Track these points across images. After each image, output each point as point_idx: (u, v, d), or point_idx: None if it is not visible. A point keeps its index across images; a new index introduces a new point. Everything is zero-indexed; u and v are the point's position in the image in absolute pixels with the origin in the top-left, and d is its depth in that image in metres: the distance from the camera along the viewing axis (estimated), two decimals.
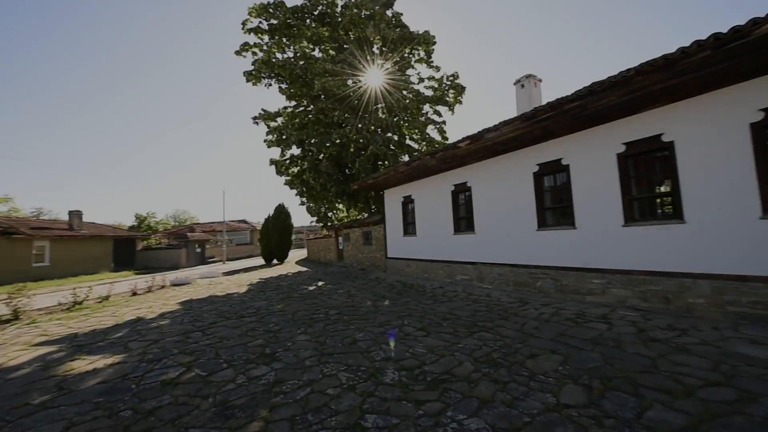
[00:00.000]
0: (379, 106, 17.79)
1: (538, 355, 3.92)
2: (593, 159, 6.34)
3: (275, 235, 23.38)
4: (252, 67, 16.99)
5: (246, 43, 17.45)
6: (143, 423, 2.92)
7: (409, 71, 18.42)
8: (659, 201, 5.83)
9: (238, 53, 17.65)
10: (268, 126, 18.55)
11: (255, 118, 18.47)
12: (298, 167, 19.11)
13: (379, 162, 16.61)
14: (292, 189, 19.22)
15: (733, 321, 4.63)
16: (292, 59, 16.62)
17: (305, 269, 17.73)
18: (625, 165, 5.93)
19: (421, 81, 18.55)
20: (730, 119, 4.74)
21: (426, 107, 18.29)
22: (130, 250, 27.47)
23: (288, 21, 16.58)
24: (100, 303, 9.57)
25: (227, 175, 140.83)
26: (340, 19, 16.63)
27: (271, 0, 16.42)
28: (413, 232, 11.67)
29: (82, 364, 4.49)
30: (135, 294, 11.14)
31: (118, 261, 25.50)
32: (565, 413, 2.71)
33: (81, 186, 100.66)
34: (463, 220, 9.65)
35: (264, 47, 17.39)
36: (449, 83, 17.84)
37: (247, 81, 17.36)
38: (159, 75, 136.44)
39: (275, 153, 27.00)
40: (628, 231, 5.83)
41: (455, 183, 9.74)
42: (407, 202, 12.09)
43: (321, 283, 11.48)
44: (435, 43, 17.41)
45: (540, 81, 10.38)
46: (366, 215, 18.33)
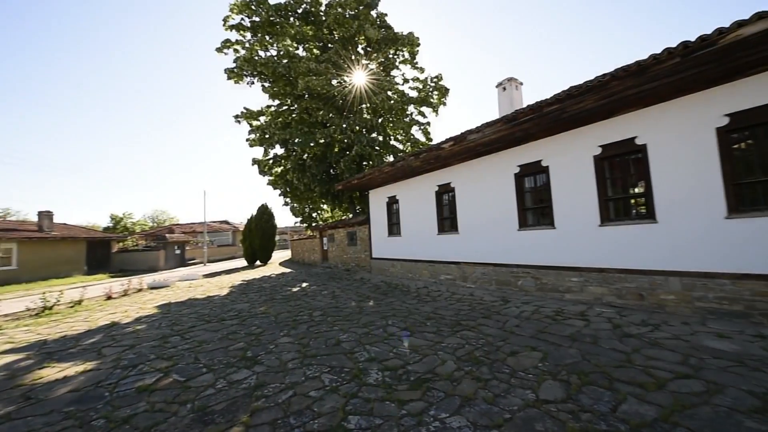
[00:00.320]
0: (364, 106, 17.76)
1: (519, 353, 4.00)
2: (571, 161, 6.52)
3: (258, 236, 22.99)
4: (234, 65, 16.65)
5: (227, 40, 17.10)
6: None
7: (394, 72, 18.50)
8: (633, 202, 6.06)
9: (219, 50, 17.28)
10: (250, 125, 18.23)
11: (237, 116, 18.12)
12: (281, 167, 18.85)
13: (364, 162, 16.59)
14: (275, 189, 18.95)
15: (702, 316, 4.86)
16: (275, 57, 16.38)
17: (289, 270, 17.50)
18: (601, 167, 6.13)
19: (406, 82, 18.65)
20: (698, 123, 4.97)
21: (410, 108, 18.38)
22: (104, 252, 26.42)
23: (271, 18, 16.34)
24: (71, 308, 9.16)
25: (208, 175, 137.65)
26: (324, 18, 16.51)
27: None
28: (398, 232, 11.71)
29: (51, 372, 4.28)
30: (110, 298, 10.71)
31: (91, 264, 24.48)
32: (544, 409, 2.77)
33: (52, 186, 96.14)
34: (447, 220, 9.75)
35: (246, 44, 17.08)
36: (433, 85, 18.00)
37: (229, 78, 17.00)
38: (135, 71, 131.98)
39: (258, 152, 26.66)
40: (604, 231, 6.03)
41: (439, 183, 9.83)
42: (392, 202, 12.12)
43: (305, 285, 11.36)
44: (419, 45, 17.53)
45: (521, 84, 10.61)
46: (351, 216, 18.26)
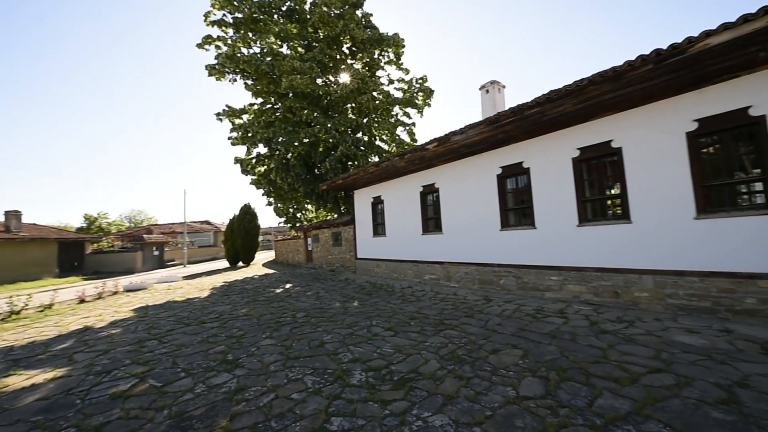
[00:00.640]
0: (349, 106, 17.70)
1: (500, 350, 4.07)
2: (551, 162, 6.69)
3: (241, 237, 22.53)
4: (215, 61, 16.28)
5: (209, 36, 16.69)
6: None
7: (379, 73, 18.49)
8: (610, 203, 6.27)
9: (200, 46, 16.84)
10: (232, 123, 17.87)
11: (219, 114, 17.72)
12: (264, 166, 18.56)
13: (349, 162, 16.52)
14: (258, 189, 18.65)
15: (673, 312, 5.07)
16: (258, 55, 16.08)
17: (273, 271, 17.24)
18: (580, 168, 6.32)
19: (391, 83, 18.67)
20: (669, 128, 5.19)
21: (396, 109, 18.43)
22: (77, 253, 25.33)
23: (254, 15, 16.06)
24: (41, 312, 8.74)
25: (189, 174, 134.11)
26: (309, 17, 16.34)
27: None
28: (383, 232, 11.72)
29: (18, 380, 4.08)
30: (83, 301, 10.28)
31: (63, 266, 23.43)
32: (524, 405, 2.83)
33: (22, 185, 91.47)
34: (432, 220, 9.83)
35: (228, 41, 16.72)
36: (418, 86, 18.09)
37: (210, 75, 16.62)
38: (111, 67, 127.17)
39: (240, 151, 26.17)
40: (582, 230, 6.21)
41: (424, 184, 9.89)
42: (377, 202, 12.12)
43: (289, 286, 11.22)
44: (404, 46, 17.58)
45: (504, 87, 10.80)
46: (335, 216, 18.15)
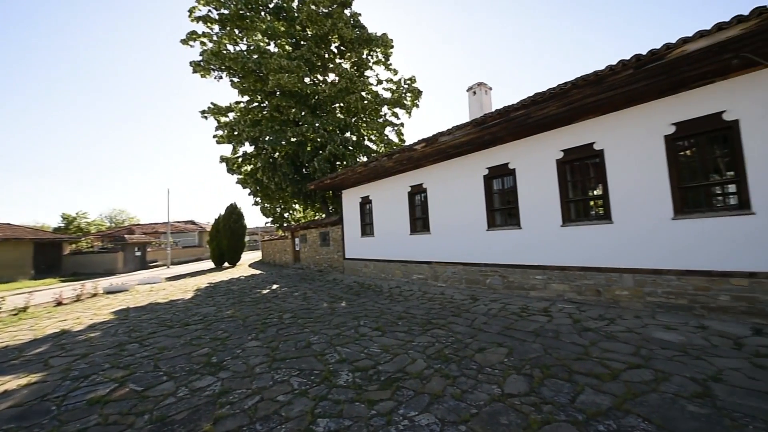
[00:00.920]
0: (338, 105, 17.61)
1: (486, 349, 4.12)
2: (536, 164, 6.81)
3: (227, 237, 22.14)
4: (200, 58, 15.95)
5: (193, 32, 16.34)
6: None
7: (368, 73, 18.46)
8: (592, 203, 6.42)
9: (184, 42, 16.48)
10: (218, 121, 17.56)
11: (204, 112, 17.38)
12: (251, 165, 18.29)
13: (338, 162, 16.44)
14: (245, 188, 18.38)
15: (652, 310, 5.23)
16: (244, 52, 15.83)
17: (259, 272, 17.02)
18: (563, 170, 6.46)
19: (380, 83, 18.67)
20: (648, 131, 5.35)
21: (384, 109, 18.43)
22: (55, 254, 24.43)
23: (240, 12, 15.80)
24: (15, 315, 8.40)
25: (173, 173, 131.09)
26: (297, 15, 16.19)
27: None
28: (371, 232, 11.70)
29: None
30: (60, 304, 9.92)
31: (40, 267, 22.55)
32: (509, 402, 2.87)
33: None
34: (419, 220, 9.87)
35: (214, 38, 16.41)
36: (407, 86, 18.13)
37: (195, 72, 16.29)
38: (91, 63, 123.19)
39: (226, 150, 25.66)
40: (565, 231, 6.34)
41: (412, 184, 9.93)
42: (365, 202, 12.10)
43: (275, 286, 11.09)
44: (393, 47, 17.60)
45: (490, 89, 10.94)
46: (323, 216, 18.04)
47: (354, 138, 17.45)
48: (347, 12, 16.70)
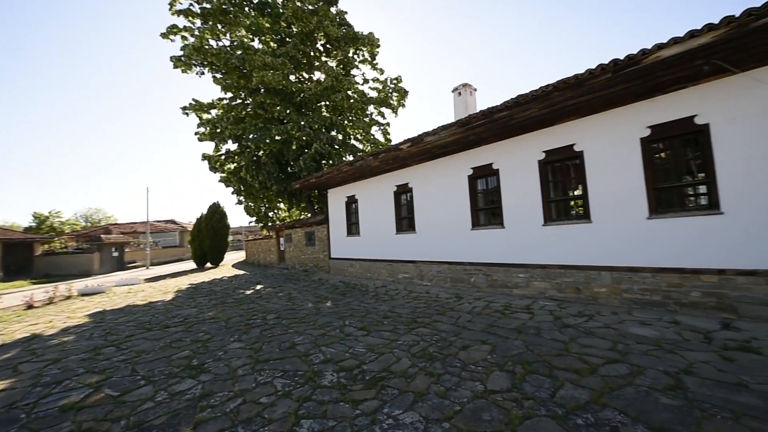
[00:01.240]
0: (323, 104, 17.47)
1: (470, 347, 4.17)
2: (519, 164, 6.94)
3: (209, 236, 21.64)
4: (181, 53, 15.53)
5: (174, 26, 15.90)
6: None
7: (354, 71, 18.38)
8: (572, 203, 6.59)
9: (164, 36, 16.02)
10: (200, 118, 17.15)
11: (185, 108, 16.95)
12: (234, 164, 17.96)
13: (324, 161, 16.32)
14: (228, 187, 18.03)
15: (628, 306, 5.42)
16: (228, 48, 15.51)
17: (243, 272, 16.72)
18: (545, 170, 6.60)
19: (366, 82, 18.63)
20: (625, 133, 5.53)
21: (370, 108, 18.40)
22: (25, 255, 23.35)
23: (223, 6, 15.46)
24: None
25: (153, 171, 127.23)
26: (282, 11, 15.96)
27: None
28: (357, 232, 11.67)
29: None
30: (31, 307, 9.49)
31: (9, 269, 21.52)
32: (491, 399, 2.92)
33: None
34: (405, 220, 9.91)
35: (195, 32, 16.01)
36: (393, 86, 18.15)
37: (175, 67, 15.84)
38: (66, 55, 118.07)
39: (208, 147, 25.05)
40: (547, 230, 6.49)
41: (397, 184, 9.95)
42: (351, 202, 12.05)
43: (259, 287, 10.92)
44: (379, 46, 17.58)
45: (475, 90, 11.08)
46: (309, 215, 17.88)
47: (340, 137, 17.36)
48: (333, 10, 16.57)
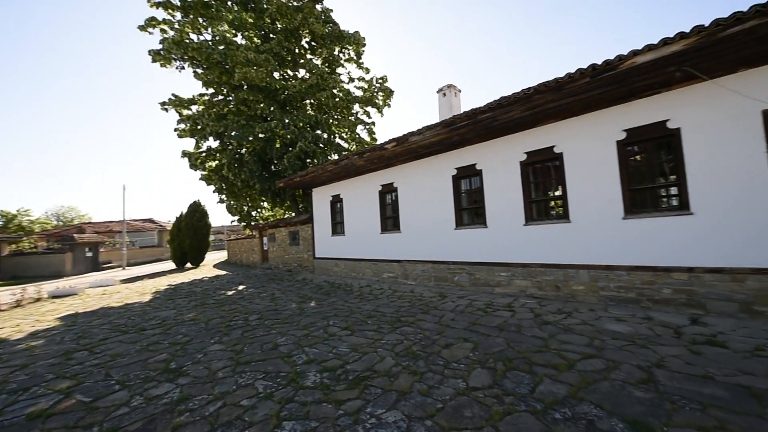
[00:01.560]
0: (308, 102, 17.28)
1: (452, 345, 4.22)
2: (501, 165, 7.06)
3: (189, 236, 21.06)
4: (160, 47, 15.03)
5: (153, 18, 15.37)
6: None
7: (340, 70, 18.26)
8: (553, 204, 6.76)
9: (142, 29, 15.45)
10: (180, 114, 16.65)
11: (164, 104, 16.42)
12: (216, 161, 17.53)
13: (308, 160, 16.14)
14: (209, 185, 17.59)
15: (605, 303, 5.60)
16: (209, 43, 15.10)
17: (224, 273, 16.37)
18: (527, 171, 6.74)
19: (351, 81, 18.53)
20: (603, 136, 5.71)
21: (356, 107, 18.32)
22: None
23: (204, 0, 15.07)
24: None
25: (130, 169, 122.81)
26: (266, 7, 15.68)
27: None
28: (342, 231, 11.61)
29: None
30: None
31: None
32: (473, 395, 2.96)
33: None
34: (390, 219, 9.93)
35: (176, 25, 15.52)
36: (378, 85, 18.14)
37: (154, 61, 15.32)
38: (36, 48, 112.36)
39: (189, 144, 24.43)
40: (528, 229, 6.63)
41: (382, 183, 9.96)
42: (336, 201, 11.98)
43: (242, 287, 10.71)
44: (365, 45, 17.53)
45: (460, 91, 11.20)
46: (293, 214, 17.67)
47: (325, 135, 17.21)
48: (318, 7, 16.42)
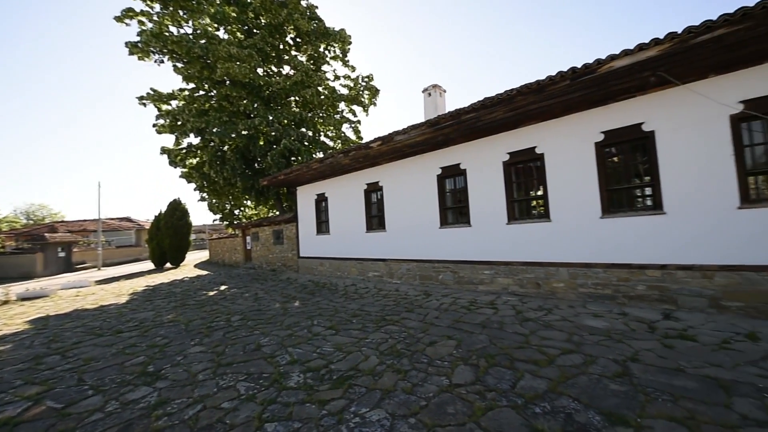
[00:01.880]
0: (293, 99, 17.07)
1: (436, 342, 4.25)
2: (485, 165, 7.17)
3: (169, 235, 20.45)
4: (138, 39, 14.52)
5: (130, 9, 14.84)
6: None
7: (325, 67, 18.12)
8: (534, 203, 6.91)
9: (119, 20, 14.91)
10: (159, 109, 16.15)
11: (142, 98, 15.90)
12: (197, 158, 17.11)
13: (293, 157, 15.95)
14: (189, 183, 17.14)
15: (583, 300, 5.77)
16: (190, 36, 14.70)
17: (206, 273, 15.99)
18: (509, 171, 6.87)
19: (337, 79, 18.42)
20: (582, 138, 5.87)
21: (341, 105, 18.24)
22: None
23: None
24: None
25: (106, 165, 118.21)
26: (249, 1, 15.37)
27: None
28: (326, 230, 11.53)
29: None
30: None
31: None
32: (456, 392, 3.00)
33: None
34: (375, 218, 9.92)
35: (154, 17, 15.03)
36: (364, 84, 18.09)
37: (131, 54, 14.80)
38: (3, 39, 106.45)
39: (168, 141, 23.75)
40: (510, 228, 6.76)
41: (368, 182, 9.94)
42: (321, 200, 11.88)
43: (224, 287, 10.50)
44: (351, 43, 17.46)
45: (445, 91, 11.29)
46: (277, 213, 17.43)
47: (310, 133, 17.04)
48: (303, 3, 16.24)
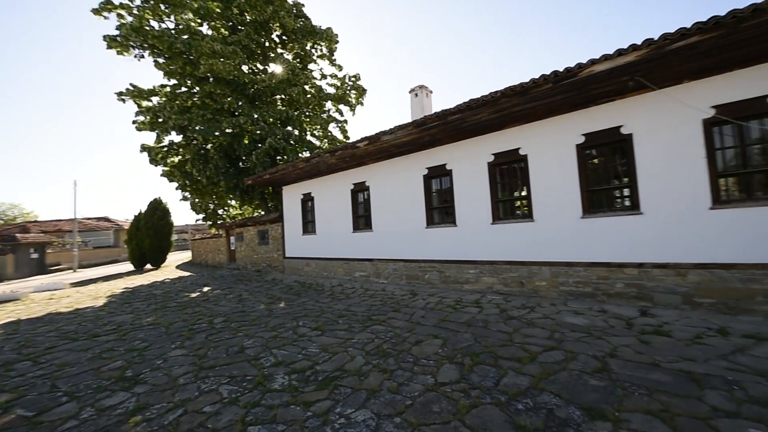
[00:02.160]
0: (279, 97, 16.86)
1: (422, 342, 4.28)
2: (470, 165, 7.25)
3: (149, 236, 19.89)
4: (117, 32, 14.06)
5: (109, 2, 14.34)
6: None
7: (312, 66, 17.98)
8: (518, 203, 7.03)
9: (97, 12, 14.39)
10: (139, 105, 15.67)
11: (121, 94, 15.39)
12: (179, 156, 16.68)
13: (278, 156, 15.75)
14: (171, 181, 16.71)
15: (565, 298, 5.91)
16: (172, 31, 14.32)
17: (188, 274, 15.62)
18: (494, 172, 6.97)
19: (324, 78, 18.30)
20: (564, 140, 6.01)
21: (328, 104, 18.13)
22: None
23: None
24: None
25: (83, 163, 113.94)
26: None
27: None
28: (313, 230, 11.44)
29: None
30: None
31: None
32: (441, 391, 3.02)
33: None
34: (362, 218, 9.90)
35: (134, 11, 14.58)
36: (351, 83, 18.04)
37: (110, 48, 14.33)
38: None
39: (149, 138, 23.07)
40: (495, 228, 6.87)
41: (354, 182, 9.91)
42: (307, 199, 11.77)
43: (206, 289, 10.28)
44: (338, 42, 17.36)
45: (431, 92, 11.37)
46: (262, 213, 17.17)
47: (296, 132, 16.86)
48: (290, 0, 16.04)
